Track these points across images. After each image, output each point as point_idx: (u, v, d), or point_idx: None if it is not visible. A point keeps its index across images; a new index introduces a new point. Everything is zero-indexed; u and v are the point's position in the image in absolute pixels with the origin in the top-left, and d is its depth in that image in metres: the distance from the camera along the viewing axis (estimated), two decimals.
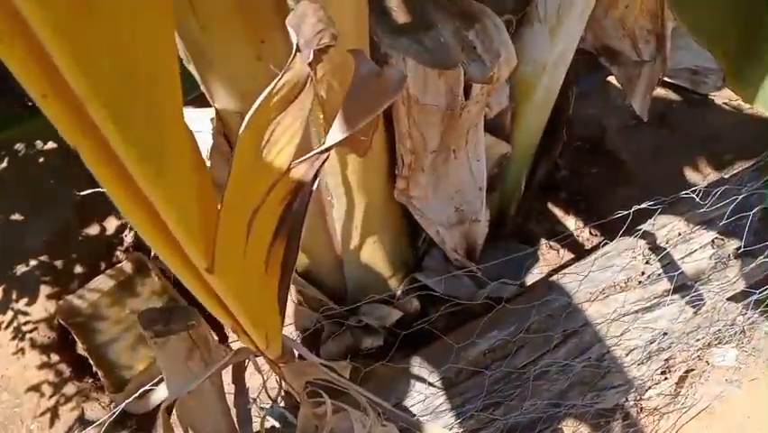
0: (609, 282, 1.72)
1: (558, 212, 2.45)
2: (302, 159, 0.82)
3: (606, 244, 1.78)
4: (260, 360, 0.92)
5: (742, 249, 1.75)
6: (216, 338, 1.92)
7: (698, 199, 1.56)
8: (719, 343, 1.94)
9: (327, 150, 0.85)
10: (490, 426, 1.59)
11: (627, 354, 1.69)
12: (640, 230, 1.79)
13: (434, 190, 1.61)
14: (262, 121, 0.75)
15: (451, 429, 1.61)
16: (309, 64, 0.80)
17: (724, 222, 1.63)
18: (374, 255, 1.76)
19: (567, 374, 1.61)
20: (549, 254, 2.34)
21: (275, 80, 0.74)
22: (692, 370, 1.93)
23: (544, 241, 2.38)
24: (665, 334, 1.72)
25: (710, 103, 2.71)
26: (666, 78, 2.68)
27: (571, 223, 2.42)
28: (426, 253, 2.02)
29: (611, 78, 2.71)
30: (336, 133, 0.86)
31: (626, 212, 1.53)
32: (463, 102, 1.35)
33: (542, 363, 1.60)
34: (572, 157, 2.55)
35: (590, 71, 2.41)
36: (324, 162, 0.85)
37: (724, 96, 2.72)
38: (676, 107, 2.69)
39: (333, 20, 0.84)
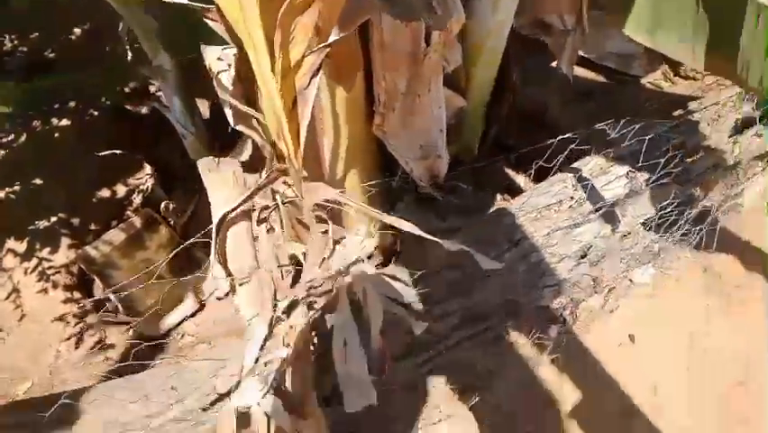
0: (545, 204, 2.14)
1: (509, 171, 2.87)
2: (313, 50, 1.23)
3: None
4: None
5: (651, 180, 2.20)
6: None
7: (609, 131, 2.00)
8: (639, 264, 2.36)
9: (329, 45, 1.26)
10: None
11: (560, 262, 2.11)
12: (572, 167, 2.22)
13: (403, 127, 2.01)
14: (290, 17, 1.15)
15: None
16: None
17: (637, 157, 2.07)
18: (355, 187, 2.15)
19: (513, 273, 2.02)
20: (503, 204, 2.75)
21: None
22: (615, 287, 2.35)
23: (498, 196, 2.80)
24: (590, 247, 2.15)
25: (638, 83, 3.20)
26: (603, 63, 3.20)
27: (520, 180, 2.85)
28: (399, 200, 2.42)
29: (555, 64, 3.18)
30: (337, 32, 1.27)
31: (550, 141, 1.95)
32: (425, 48, 1.77)
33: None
34: (519, 128, 2.98)
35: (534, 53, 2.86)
36: (325, 55, 1.26)
37: (650, 78, 3.23)
38: (609, 85, 3.19)
39: None
